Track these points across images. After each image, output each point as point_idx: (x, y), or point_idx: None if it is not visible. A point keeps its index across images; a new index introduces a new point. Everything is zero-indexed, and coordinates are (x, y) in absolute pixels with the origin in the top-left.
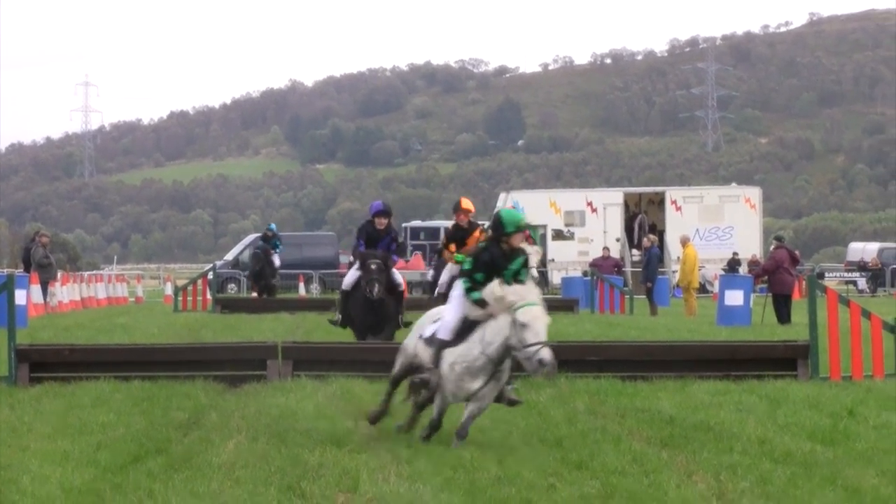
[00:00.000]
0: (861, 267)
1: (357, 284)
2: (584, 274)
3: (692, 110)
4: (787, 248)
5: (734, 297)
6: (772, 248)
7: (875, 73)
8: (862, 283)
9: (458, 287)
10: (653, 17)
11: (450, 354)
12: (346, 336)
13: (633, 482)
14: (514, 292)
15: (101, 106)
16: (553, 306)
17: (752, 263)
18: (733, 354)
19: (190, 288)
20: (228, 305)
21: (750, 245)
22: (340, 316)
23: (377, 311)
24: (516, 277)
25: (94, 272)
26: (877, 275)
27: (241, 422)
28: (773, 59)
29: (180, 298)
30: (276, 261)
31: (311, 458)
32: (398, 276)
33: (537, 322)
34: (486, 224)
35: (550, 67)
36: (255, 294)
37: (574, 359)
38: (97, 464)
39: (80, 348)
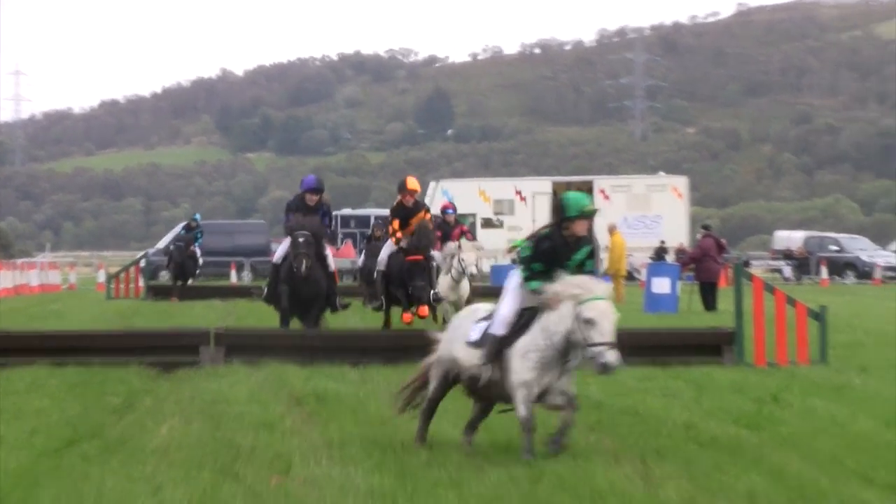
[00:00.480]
0: (787, 255)
1: (283, 261)
2: (514, 262)
3: (620, 100)
4: (713, 237)
5: (661, 285)
6: (699, 236)
7: (802, 63)
8: (787, 271)
9: (514, 277)
10: (581, 7)
11: (518, 346)
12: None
13: (561, 465)
14: (578, 284)
15: (32, 95)
16: (483, 294)
17: (679, 251)
18: (660, 341)
19: (122, 275)
20: (161, 292)
21: (677, 233)
22: (265, 289)
23: (307, 287)
24: (581, 268)
25: (27, 260)
26: (802, 263)
27: (175, 406)
28: (701, 49)
29: (113, 286)
30: (198, 251)
31: (244, 441)
32: (329, 254)
33: (604, 319)
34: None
35: (479, 57)
36: (173, 298)
37: None
38: (32, 448)
39: (13, 335)
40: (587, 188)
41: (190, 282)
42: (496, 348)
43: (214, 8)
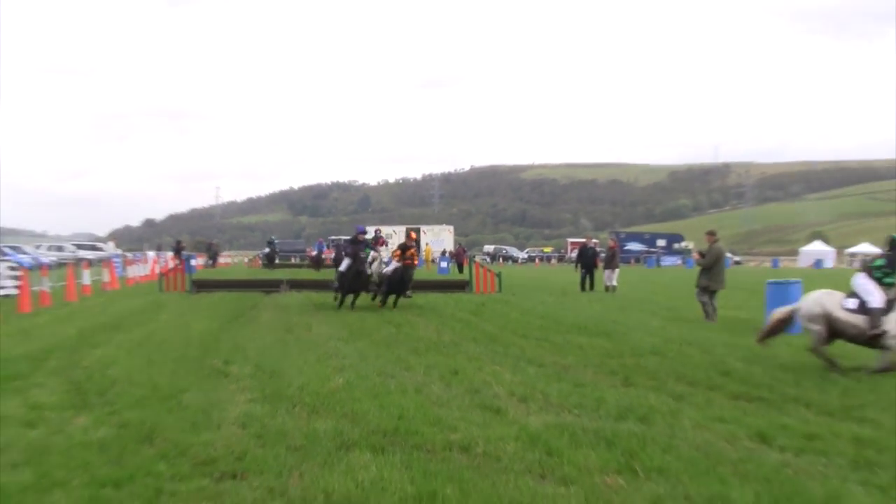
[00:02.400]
0: (487, 254)
1: (349, 268)
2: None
3: (432, 199)
4: (462, 247)
5: (444, 264)
6: (457, 246)
7: (494, 189)
8: (488, 259)
9: (862, 278)
10: (413, 161)
11: (892, 317)
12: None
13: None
14: None
15: (223, 195)
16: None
17: (450, 252)
18: (445, 284)
19: (251, 260)
20: (267, 266)
21: (449, 246)
22: (338, 284)
23: (360, 280)
24: None
25: (223, 254)
26: (494, 257)
27: (270, 306)
28: (459, 181)
29: (249, 264)
30: (275, 253)
31: (294, 319)
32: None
33: None
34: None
35: (380, 182)
36: (269, 268)
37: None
38: (217, 320)
39: (216, 279)
40: (418, 229)
41: (276, 261)
42: (880, 315)
43: (287, 152)
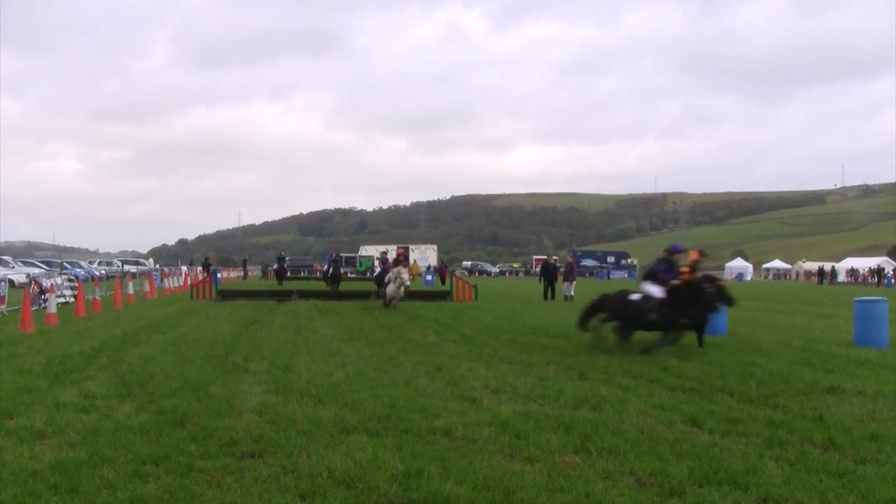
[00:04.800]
0: (465, 269)
1: (673, 299)
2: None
3: (419, 223)
4: (444, 263)
5: (429, 277)
6: (440, 262)
7: (467, 212)
8: (466, 273)
9: None
10: (403, 190)
11: None
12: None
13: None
14: None
15: (243, 220)
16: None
17: (434, 267)
18: (431, 294)
19: (268, 273)
20: (279, 279)
21: (433, 262)
22: (639, 321)
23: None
24: None
25: (248, 268)
26: (471, 271)
27: (283, 312)
28: (441, 207)
29: (264, 277)
30: (286, 265)
31: (303, 324)
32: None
33: None
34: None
35: (374, 209)
36: (280, 282)
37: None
38: (239, 324)
39: (238, 289)
40: (407, 249)
41: (288, 274)
42: None
43: (298, 182)
